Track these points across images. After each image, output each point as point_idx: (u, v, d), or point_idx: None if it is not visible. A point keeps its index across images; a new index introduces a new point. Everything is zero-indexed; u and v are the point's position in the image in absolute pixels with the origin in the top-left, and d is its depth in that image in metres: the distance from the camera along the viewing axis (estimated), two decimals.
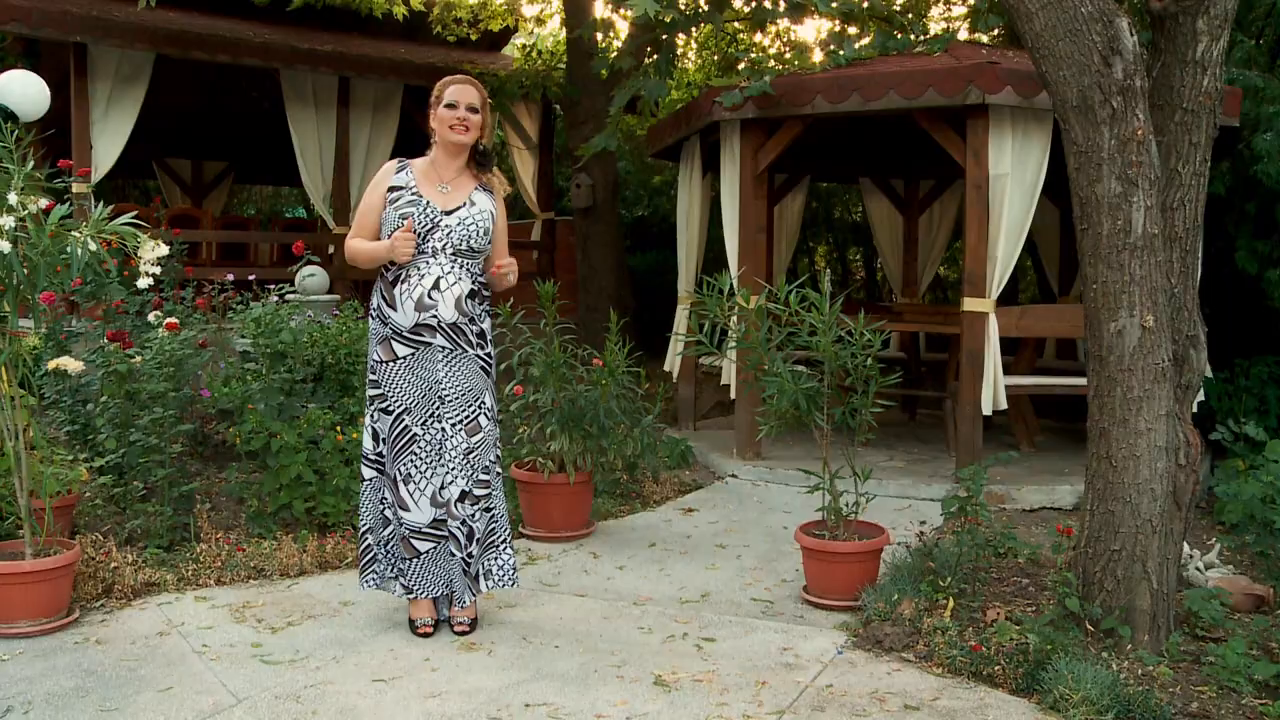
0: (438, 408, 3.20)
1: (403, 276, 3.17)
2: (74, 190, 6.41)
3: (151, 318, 4.71)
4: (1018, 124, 4.87)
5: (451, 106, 3.20)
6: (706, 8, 5.81)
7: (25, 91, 3.79)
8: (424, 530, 3.22)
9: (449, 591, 3.29)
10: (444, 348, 3.18)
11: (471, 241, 3.19)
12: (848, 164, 7.59)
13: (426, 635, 3.23)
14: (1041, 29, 2.84)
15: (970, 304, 4.97)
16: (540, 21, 8.93)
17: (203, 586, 3.69)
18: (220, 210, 10.72)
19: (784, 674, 3.00)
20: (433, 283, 3.15)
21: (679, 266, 6.56)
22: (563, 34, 9.20)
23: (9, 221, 3.07)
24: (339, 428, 4.35)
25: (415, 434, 3.20)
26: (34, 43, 7.54)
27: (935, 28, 9.71)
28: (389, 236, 3.17)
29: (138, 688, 2.84)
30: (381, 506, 3.29)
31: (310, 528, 4.18)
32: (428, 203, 3.18)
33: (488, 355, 3.26)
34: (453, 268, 3.17)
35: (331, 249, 8.69)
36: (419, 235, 3.16)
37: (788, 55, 8.19)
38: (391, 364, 3.19)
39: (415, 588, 3.25)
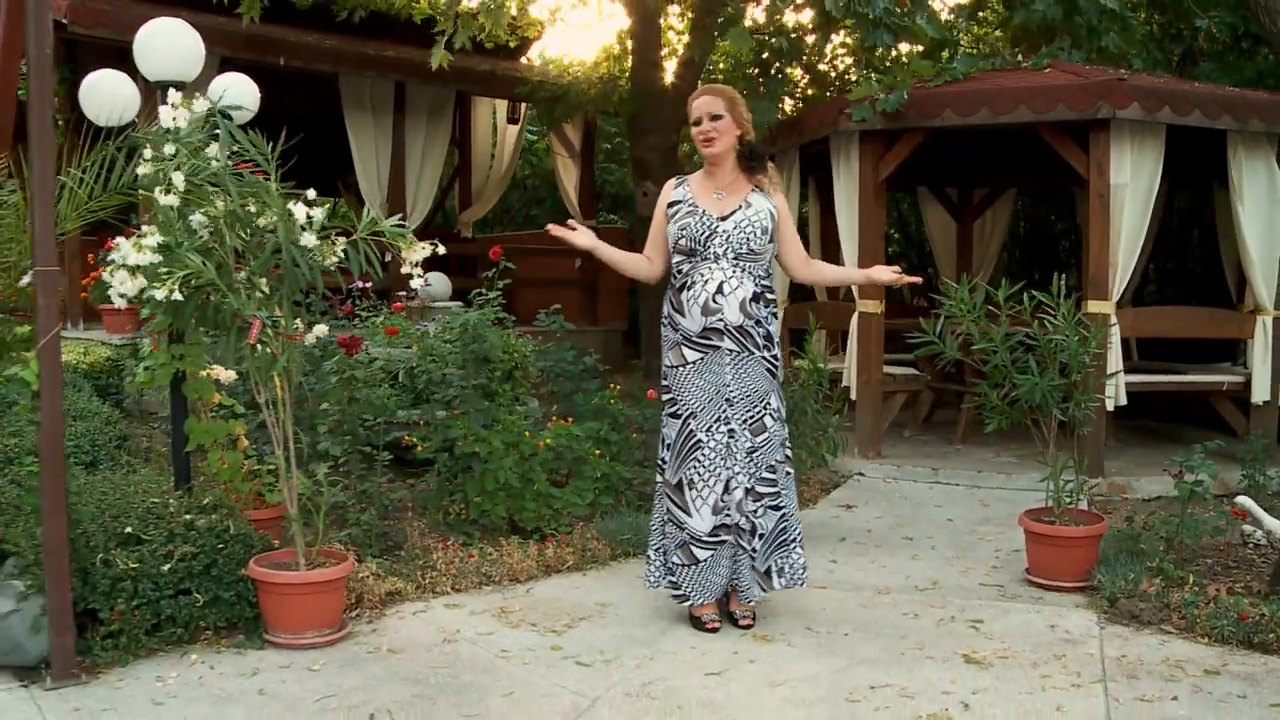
0: (725, 410, 3.28)
1: (688, 284, 3.29)
2: None
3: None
4: (1135, 137, 5.23)
5: (696, 123, 3.35)
6: (813, 38, 6.01)
7: (240, 92, 3.71)
8: (704, 539, 3.28)
9: (724, 593, 3.36)
10: (732, 350, 3.27)
11: (751, 244, 3.30)
12: (909, 173, 7.88)
13: (715, 630, 3.30)
14: None
15: (1094, 306, 5.29)
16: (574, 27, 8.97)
17: (441, 594, 3.67)
18: None
19: (1072, 648, 3.20)
20: (716, 287, 3.25)
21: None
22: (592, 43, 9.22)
23: (319, 214, 3.02)
24: (527, 434, 4.35)
25: (700, 439, 3.28)
26: (72, 45, 7.22)
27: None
28: (674, 249, 3.34)
29: (478, 694, 2.84)
30: (659, 515, 3.37)
31: (508, 534, 4.17)
32: (704, 211, 3.31)
33: (774, 357, 3.36)
34: (735, 271, 3.28)
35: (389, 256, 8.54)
36: (700, 242, 3.27)
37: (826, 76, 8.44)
38: (682, 368, 3.29)
39: (692, 594, 3.31)
